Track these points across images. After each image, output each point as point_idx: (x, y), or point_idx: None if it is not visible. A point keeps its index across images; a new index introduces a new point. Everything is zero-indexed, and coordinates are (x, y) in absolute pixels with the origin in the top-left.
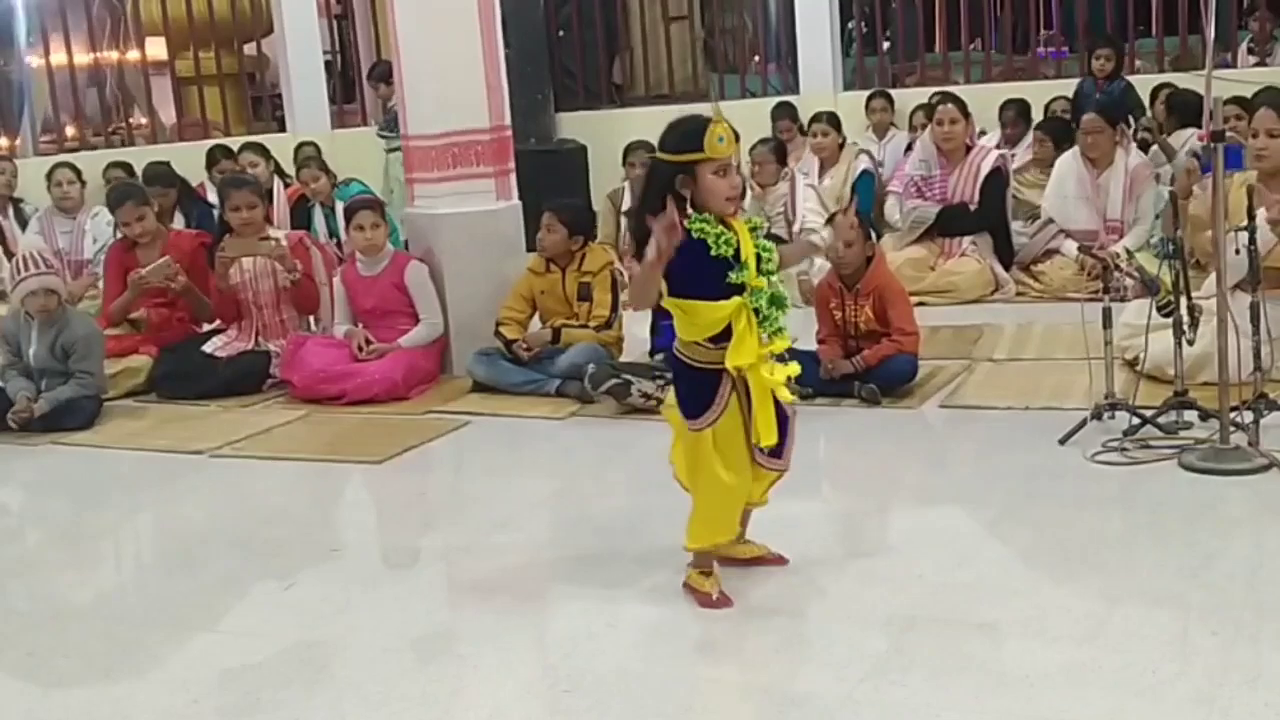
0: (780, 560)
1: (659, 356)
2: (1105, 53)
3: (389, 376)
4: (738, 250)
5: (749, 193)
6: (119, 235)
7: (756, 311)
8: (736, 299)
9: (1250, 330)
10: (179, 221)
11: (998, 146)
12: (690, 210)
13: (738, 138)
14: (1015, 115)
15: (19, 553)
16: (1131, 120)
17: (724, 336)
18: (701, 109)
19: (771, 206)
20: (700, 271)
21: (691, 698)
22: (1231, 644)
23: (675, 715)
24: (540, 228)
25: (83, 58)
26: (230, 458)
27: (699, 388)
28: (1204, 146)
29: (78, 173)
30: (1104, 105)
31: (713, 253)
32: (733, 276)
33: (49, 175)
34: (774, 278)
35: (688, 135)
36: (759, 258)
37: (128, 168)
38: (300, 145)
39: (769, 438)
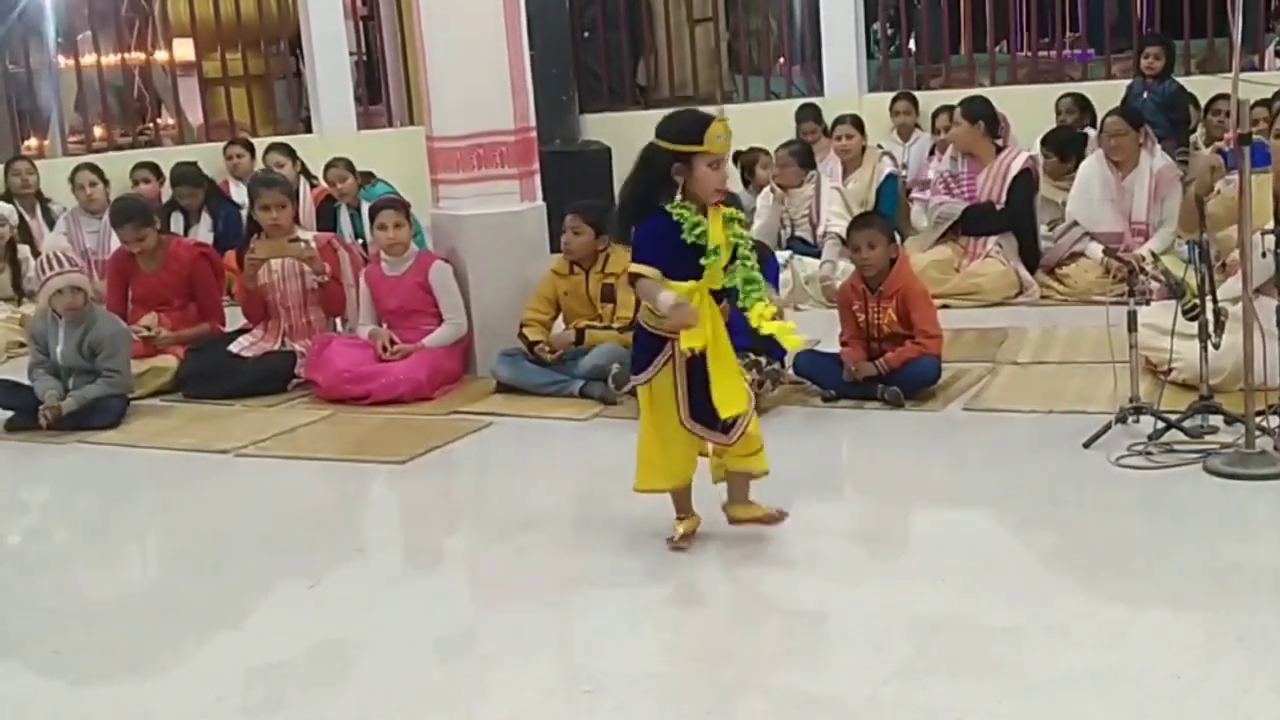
0: (779, 517)
1: None
2: (1154, 51)
3: (413, 377)
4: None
5: (770, 194)
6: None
7: (732, 291)
8: (693, 283)
9: (1277, 334)
10: (206, 221)
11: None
12: (678, 195)
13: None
14: (1072, 104)
15: (46, 550)
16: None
17: None
18: (729, 109)
19: (796, 209)
20: (674, 253)
21: (713, 699)
22: (1257, 650)
23: (697, 716)
24: (564, 230)
25: (111, 59)
26: (255, 457)
27: (646, 350)
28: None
29: (100, 174)
30: (1158, 107)
31: (686, 239)
32: (704, 262)
33: (71, 178)
34: (749, 262)
35: (689, 127)
36: (735, 247)
37: (155, 169)
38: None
39: (727, 409)
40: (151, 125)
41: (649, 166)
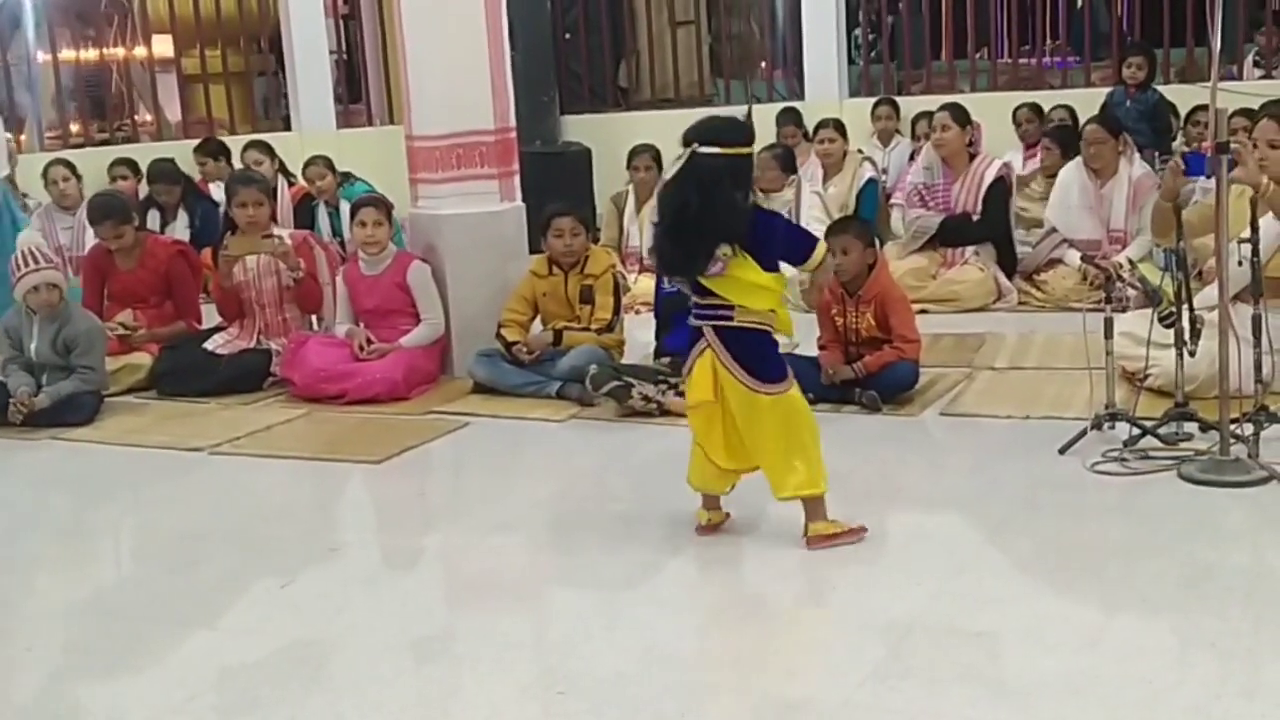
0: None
1: (665, 360)
2: (1137, 60)
3: (389, 376)
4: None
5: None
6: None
7: None
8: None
9: (1252, 341)
10: (183, 218)
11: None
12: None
13: None
14: (1030, 112)
15: (18, 548)
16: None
17: None
18: (708, 113)
19: None
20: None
21: (688, 701)
22: (1229, 656)
23: (670, 718)
24: (558, 231)
25: (89, 54)
26: (230, 455)
27: (777, 349)
28: (1193, 151)
29: (73, 169)
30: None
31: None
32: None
33: (44, 173)
34: None
35: (750, 131)
36: None
37: (133, 165)
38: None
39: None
40: (129, 121)
41: (741, 173)
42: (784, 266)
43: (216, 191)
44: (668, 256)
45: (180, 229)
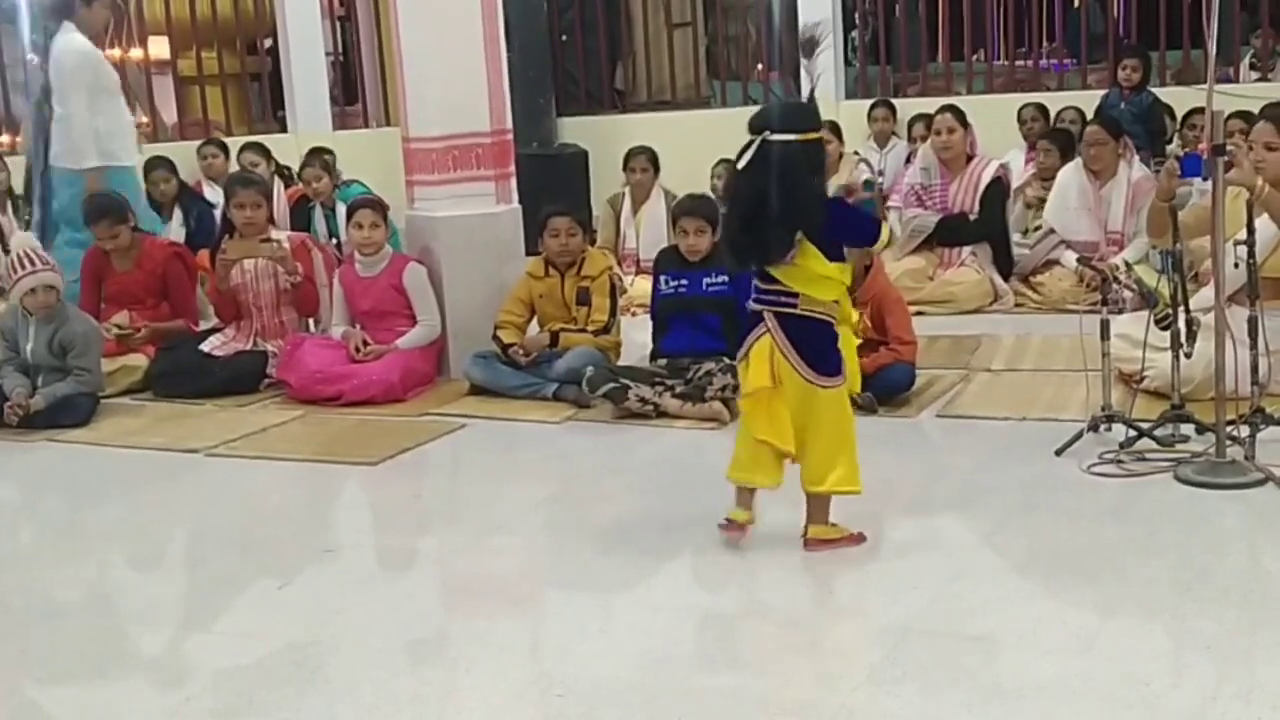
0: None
1: (662, 362)
2: (1132, 63)
3: (386, 378)
4: None
5: None
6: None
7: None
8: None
9: (1248, 343)
10: (178, 217)
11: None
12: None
13: None
14: (1035, 111)
15: (13, 549)
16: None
17: None
18: (707, 114)
19: None
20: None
21: (684, 705)
22: (1225, 658)
23: None
24: (554, 232)
25: None
26: (226, 457)
27: (836, 344)
28: (1189, 154)
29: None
30: (1135, 118)
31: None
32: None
33: None
34: None
35: (818, 114)
36: None
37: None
38: (314, 150)
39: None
40: None
41: (817, 158)
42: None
43: (212, 194)
44: (742, 246)
45: (175, 229)
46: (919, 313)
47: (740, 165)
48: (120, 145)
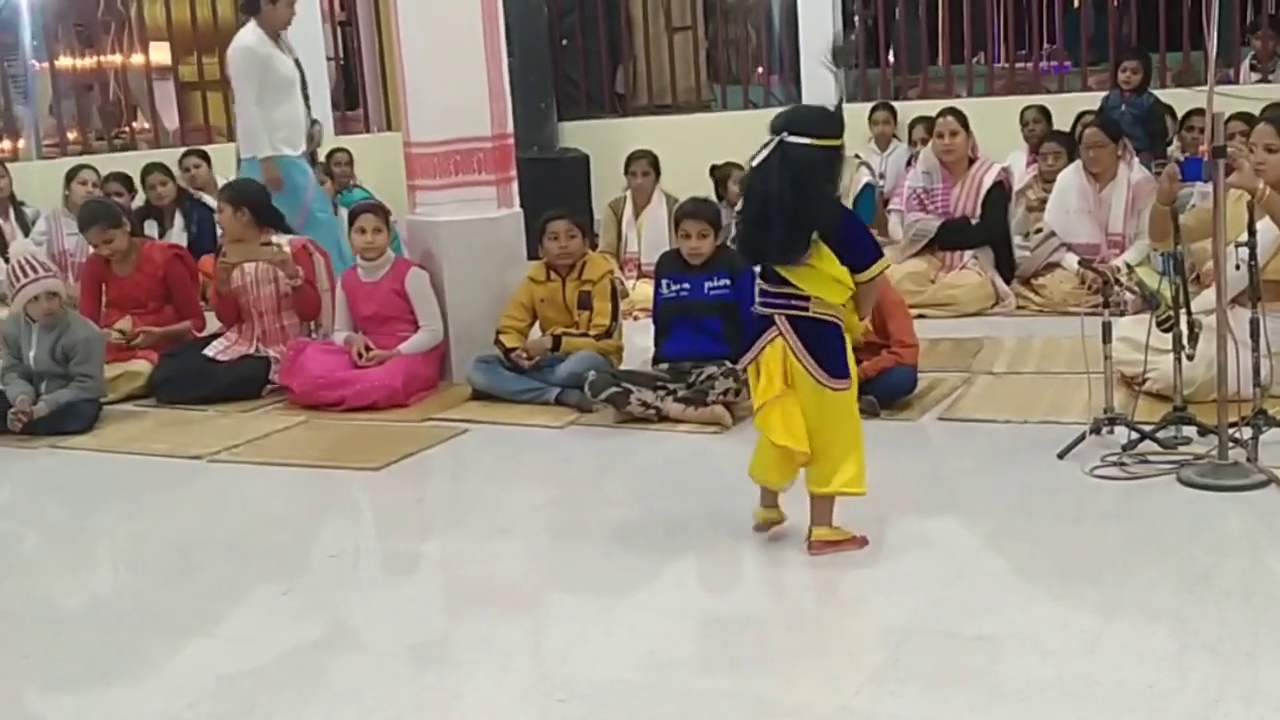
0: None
1: (663, 366)
2: (1132, 65)
3: (388, 383)
4: None
5: None
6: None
7: None
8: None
9: (1250, 345)
10: (178, 221)
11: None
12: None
13: None
14: (1038, 113)
15: (16, 555)
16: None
17: None
18: (707, 118)
19: None
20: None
21: (686, 707)
22: (1228, 660)
23: None
24: (553, 235)
25: (87, 62)
26: (229, 463)
27: (844, 346)
28: (1190, 157)
29: (96, 173)
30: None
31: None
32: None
33: (71, 176)
34: None
35: (841, 122)
36: None
37: (127, 181)
38: (334, 151)
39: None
40: (127, 129)
41: (837, 165)
42: None
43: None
44: (754, 243)
45: (177, 234)
46: (920, 316)
47: (754, 163)
48: (284, 138)
